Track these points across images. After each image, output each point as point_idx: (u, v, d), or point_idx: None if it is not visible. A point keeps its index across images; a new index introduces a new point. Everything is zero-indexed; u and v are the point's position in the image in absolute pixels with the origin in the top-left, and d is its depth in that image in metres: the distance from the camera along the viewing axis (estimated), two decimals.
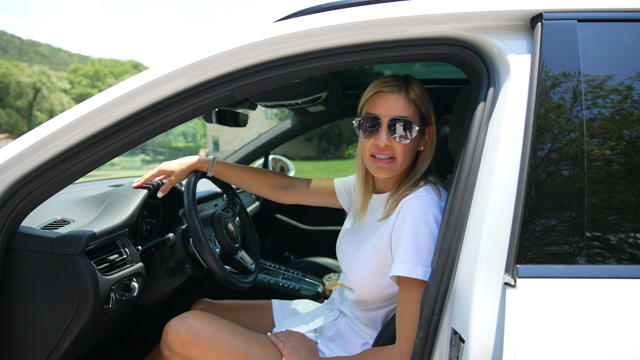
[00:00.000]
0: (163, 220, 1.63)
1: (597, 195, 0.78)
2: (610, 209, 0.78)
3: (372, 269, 1.11)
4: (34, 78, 45.01)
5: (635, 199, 0.79)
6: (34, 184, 1.00)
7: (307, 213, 2.79)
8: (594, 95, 0.82)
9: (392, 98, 1.08)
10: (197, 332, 1.14)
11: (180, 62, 0.98)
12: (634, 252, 0.77)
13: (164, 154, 19.23)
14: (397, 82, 1.09)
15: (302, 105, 1.98)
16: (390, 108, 1.08)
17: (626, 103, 0.82)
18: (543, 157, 0.80)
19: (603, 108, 0.82)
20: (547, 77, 0.83)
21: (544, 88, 0.83)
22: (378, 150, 1.09)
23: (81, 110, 0.99)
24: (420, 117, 1.11)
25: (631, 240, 0.77)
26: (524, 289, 0.73)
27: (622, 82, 0.82)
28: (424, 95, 1.12)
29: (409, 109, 1.08)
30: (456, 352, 0.79)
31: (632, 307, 0.72)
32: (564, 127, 0.81)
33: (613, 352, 0.70)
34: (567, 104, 0.82)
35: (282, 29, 0.97)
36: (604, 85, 0.83)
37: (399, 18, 0.94)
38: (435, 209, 1.04)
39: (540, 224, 0.78)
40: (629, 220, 0.78)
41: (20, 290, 1.04)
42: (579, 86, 0.82)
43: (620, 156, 0.80)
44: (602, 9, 0.86)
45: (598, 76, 0.83)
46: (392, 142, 1.08)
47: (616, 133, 0.81)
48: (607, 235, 0.77)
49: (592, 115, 0.81)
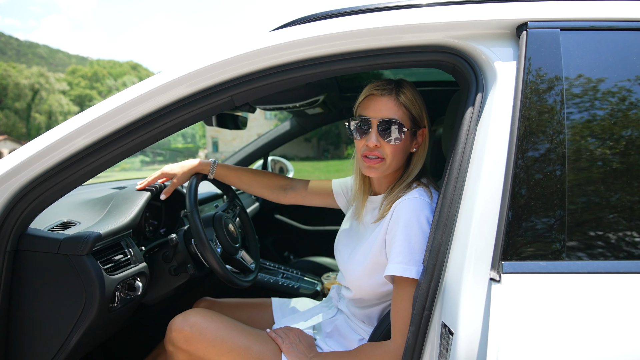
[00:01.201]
0: (165, 221, 1.67)
1: (578, 195, 0.83)
2: (591, 208, 0.83)
3: (367, 268, 1.15)
4: (32, 79, 44.97)
5: (614, 198, 0.83)
6: (42, 187, 1.04)
7: (306, 214, 2.83)
8: (575, 100, 0.86)
9: (382, 101, 1.13)
10: (200, 329, 1.18)
11: (182, 69, 1.02)
12: (611, 249, 0.81)
13: (163, 155, 19.23)
14: (388, 85, 1.14)
15: (301, 108, 2.02)
16: (380, 110, 1.12)
17: (606, 106, 0.86)
18: (528, 158, 0.84)
19: (584, 111, 0.86)
20: (532, 83, 0.88)
21: (528, 93, 0.87)
22: (368, 151, 1.14)
23: (87, 117, 1.03)
24: (410, 120, 1.14)
25: (609, 238, 0.82)
26: (508, 284, 0.78)
27: (601, 87, 0.87)
28: (416, 99, 1.15)
29: (399, 111, 1.12)
30: (446, 345, 0.84)
31: (609, 301, 0.77)
32: (548, 130, 0.85)
33: (593, 343, 0.74)
34: (550, 108, 0.86)
35: (280, 37, 1.01)
36: (585, 90, 0.87)
37: (391, 27, 0.98)
38: (427, 210, 1.08)
39: (525, 222, 0.82)
40: (607, 219, 0.82)
41: (30, 290, 1.08)
42: (561, 91, 0.87)
43: (600, 157, 0.84)
44: (583, 18, 0.91)
45: (579, 81, 0.87)
46: (381, 143, 1.12)
47: (596, 135, 0.85)
48: (587, 233, 0.82)
49: (574, 119, 0.86)
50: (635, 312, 0.76)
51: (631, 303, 0.76)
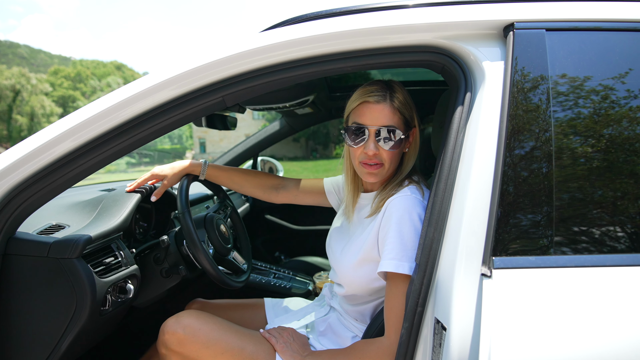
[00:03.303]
0: (155, 223, 1.66)
1: (565, 192, 0.85)
2: (576, 204, 0.85)
3: (359, 264, 1.16)
4: (13, 80, 43.92)
5: (598, 194, 0.86)
6: (31, 190, 1.03)
7: (297, 213, 2.84)
8: (560, 98, 0.89)
9: (378, 108, 1.12)
10: (193, 330, 1.18)
11: (173, 70, 1.02)
12: (596, 243, 0.84)
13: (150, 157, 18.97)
14: (382, 91, 1.13)
15: (290, 108, 2.02)
16: (377, 118, 1.12)
17: (590, 105, 0.89)
18: (516, 156, 0.86)
19: (569, 109, 0.89)
20: (519, 82, 0.90)
21: (516, 92, 0.89)
22: (367, 159, 1.14)
23: (75, 119, 1.02)
24: (404, 123, 1.15)
25: (594, 233, 0.84)
26: (499, 279, 0.79)
27: (586, 85, 0.89)
28: (407, 101, 1.16)
29: (394, 117, 1.13)
30: (439, 340, 0.85)
31: (595, 293, 0.79)
32: (535, 128, 0.87)
33: (581, 334, 0.77)
34: (536, 106, 0.88)
35: (271, 38, 1.01)
36: (570, 89, 0.89)
37: (381, 27, 0.99)
38: (419, 207, 1.10)
39: (514, 219, 0.84)
40: (594, 214, 0.85)
41: (19, 294, 1.06)
42: (547, 90, 0.89)
43: (585, 154, 0.87)
44: (567, 19, 0.93)
45: (564, 80, 0.90)
46: (379, 150, 1.13)
47: (582, 133, 0.88)
48: (573, 228, 0.84)
49: (559, 117, 0.88)
50: (621, 304, 0.78)
51: (616, 295, 0.79)
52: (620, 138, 0.87)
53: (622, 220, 0.85)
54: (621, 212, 0.85)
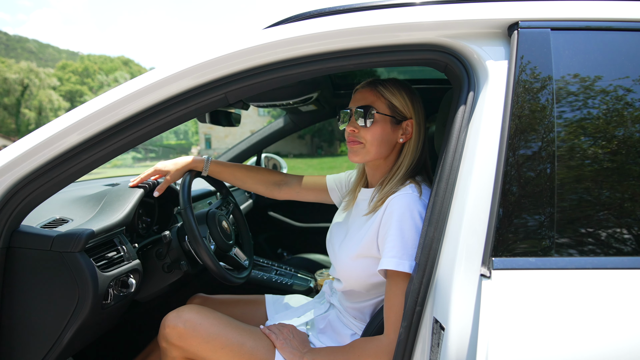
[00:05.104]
0: (158, 218, 1.67)
1: (567, 193, 0.84)
2: (579, 205, 0.84)
3: (357, 258, 1.17)
4: (22, 75, 44.30)
5: (602, 196, 0.85)
6: (35, 184, 1.04)
7: (300, 211, 2.84)
8: (565, 99, 0.88)
9: (362, 92, 1.22)
10: (194, 325, 1.19)
11: (176, 66, 1.02)
12: (599, 245, 0.83)
13: (155, 152, 19.07)
14: (371, 81, 1.22)
15: (294, 105, 2.03)
16: (358, 100, 1.21)
17: (595, 105, 0.88)
18: (518, 156, 0.86)
19: (574, 110, 0.88)
20: (523, 82, 0.89)
21: (519, 92, 0.88)
22: (348, 136, 1.22)
23: (80, 113, 1.03)
24: (389, 107, 1.19)
25: (597, 234, 0.84)
26: (498, 280, 0.79)
27: (590, 86, 0.89)
28: (400, 91, 1.19)
29: (373, 98, 1.19)
30: (437, 340, 0.85)
31: (597, 296, 0.79)
32: (538, 128, 0.87)
33: (581, 337, 0.76)
34: (540, 106, 0.88)
35: (274, 35, 1.01)
36: (574, 89, 0.89)
37: (384, 25, 0.98)
38: (420, 206, 1.10)
39: (515, 219, 0.83)
40: (595, 216, 0.84)
41: (22, 287, 1.07)
42: (551, 90, 0.88)
43: (589, 155, 0.86)
44: (573, 18, 0.92)
45: (569, 80, 0.89)
46: (357, 128, 1.19)
47: (585, 134, 0.87)
48: (575, 229, 0.84)
49: (564, 117, 0.87)
50: (622, 307, 0.78)
51: (618, 298, 0.78)
52: (625, 139, 0.86)
53: (625, 223, 0.84)
54: (624, 214, 0.84)
